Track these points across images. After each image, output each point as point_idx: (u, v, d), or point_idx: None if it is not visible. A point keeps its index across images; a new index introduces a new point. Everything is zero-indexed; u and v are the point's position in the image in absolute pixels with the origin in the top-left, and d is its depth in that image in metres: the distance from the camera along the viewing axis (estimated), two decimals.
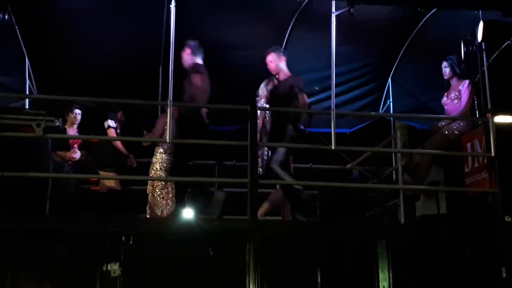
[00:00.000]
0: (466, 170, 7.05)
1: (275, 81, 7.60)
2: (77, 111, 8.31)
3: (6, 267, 5.77)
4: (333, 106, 6.70)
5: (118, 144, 8.19)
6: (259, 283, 5.64)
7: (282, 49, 7.93)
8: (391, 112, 9.58)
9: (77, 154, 8.17)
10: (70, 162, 8.12)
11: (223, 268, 5.79)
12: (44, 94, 8.38)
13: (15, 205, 5.93)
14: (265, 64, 7.61)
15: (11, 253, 5.78)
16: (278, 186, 7.57)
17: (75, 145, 8.24)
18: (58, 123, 6.10)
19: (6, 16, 6.98)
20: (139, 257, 5.88)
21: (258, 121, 6.87)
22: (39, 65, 8.52)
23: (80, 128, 8.39)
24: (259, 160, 7.04)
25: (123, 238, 5.89)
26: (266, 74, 9.10)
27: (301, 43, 8.71)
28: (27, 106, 8.24)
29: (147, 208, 7.74)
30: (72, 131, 8.21)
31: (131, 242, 5.91)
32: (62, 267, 5.86)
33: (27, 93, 8.41)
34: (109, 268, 5.80)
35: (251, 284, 5.63)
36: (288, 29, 8.60)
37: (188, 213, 6.64)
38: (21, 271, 5.85)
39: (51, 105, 7.02)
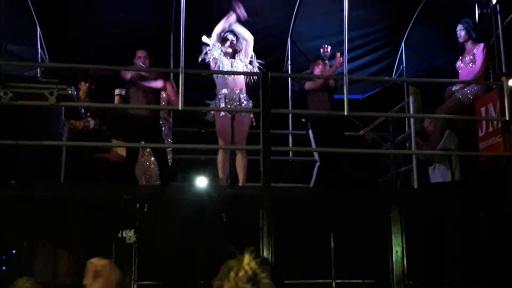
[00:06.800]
0: (480, 134, 7.00)
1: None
2: (90, 80, 8.28)
3: (22, 235, 5.84)
4: (345, 72, 6.63)
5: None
6: (273, 248, 5.68)
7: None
8: (404, 77, 9.50)
9: (90, 123, 8.17)
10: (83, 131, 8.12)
11: (237, 234, 5.83)
12: (56, 63, 8.39)
13: (30, 174, 5.98)
14: (276, 30, 7.53)
15: (28, 221, 5.84)
16: None
17: (88, 114, 8.24)
18: (70, 91, 6.09)
19: None
20: (153, 224, 5.93)
21: None
22: (51, 33, 8.50)
23: (93, 97, 8.37)
24: None
25: (138, 205, 5.94)
26: (277, 40, 9.06)
27: (313, 8, 8.61)
28: (39, 75, 8.25)
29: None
30: (84, 100, 8.20)
31: (145, 209, 5.96)
32: (77, 234, 5.92)
33: (39, 62, 8.42)
34: (124, 235, 5.86)
35: (265, 250, 5.67)
36: None
37: (202, 181, 6.68)
38: (37, 239, 5.92)
39: (63, 74, 7.02)
